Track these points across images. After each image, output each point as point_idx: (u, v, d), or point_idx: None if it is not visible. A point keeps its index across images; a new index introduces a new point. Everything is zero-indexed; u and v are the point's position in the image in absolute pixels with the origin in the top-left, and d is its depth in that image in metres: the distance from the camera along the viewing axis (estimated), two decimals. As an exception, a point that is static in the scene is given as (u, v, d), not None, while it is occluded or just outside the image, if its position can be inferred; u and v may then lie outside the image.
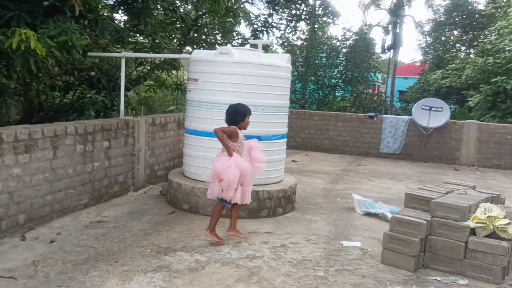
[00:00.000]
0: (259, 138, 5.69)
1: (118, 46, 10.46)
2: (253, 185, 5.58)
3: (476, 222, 4.21)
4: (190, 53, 7.85)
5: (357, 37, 23.96)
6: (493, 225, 4.18)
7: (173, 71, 12.56)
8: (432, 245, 4.30)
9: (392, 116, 11.97)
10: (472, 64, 20.08)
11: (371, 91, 27.35)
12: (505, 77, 17.67)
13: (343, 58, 23.87)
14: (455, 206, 4.27)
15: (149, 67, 12.13)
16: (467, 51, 28.42)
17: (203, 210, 5.65)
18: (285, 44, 21.42)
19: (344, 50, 24.11)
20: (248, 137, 5.48)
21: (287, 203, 5.97)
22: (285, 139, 6.18)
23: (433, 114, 10.86)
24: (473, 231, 4.22)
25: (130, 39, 10.78)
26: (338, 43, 24.27)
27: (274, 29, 16.39)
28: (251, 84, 5.66)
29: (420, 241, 4.25)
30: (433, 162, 11.33)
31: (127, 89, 11.42)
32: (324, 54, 23.75)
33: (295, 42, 22.88)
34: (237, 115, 4.74)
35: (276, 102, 5.90)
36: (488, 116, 18.31)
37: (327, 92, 24.27)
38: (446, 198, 4.51)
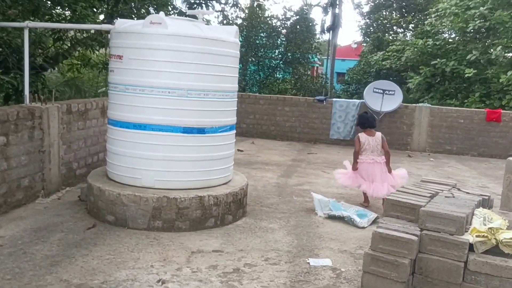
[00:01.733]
0: (203, 130, 4.59)
1: (32, 18, 8.84)
2: (196, 188, 4.57)
3: (476, 236, 3.40)
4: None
5: (297, 17, 23.16)
6: (495, 238, 3.39)
7: (98, 48, 11.02)
8: (423, 266, 3.45)
9: (342, 100, 11.25)
10: (412, 46, 19.98)
11: (309, 72, 26.85)
12: (444, 59, 17.66)
13: (284, 39, 23.05)
14: (450, 217, 3.43)
15: (69, 43, 10.51)
16: (404, 33, 28.61)
17: (133, 222, 4.48)
18: (224, 22, 20.16)
19: (284, 31, 23.27)
20: (187, 130, 4.41)
21: (237, 208, 4.93)
22: (234, 131, 5.11)
23: (386, 98, 10.21)
24: (470, 246, 3.41)
25: (46, 11, 9.19)
26: (278, 23, 23.38)
27: (213, 2, 15.04)
28: (190, 63, 4.52)
29: (410, 262, 3.38)
30: (384, 148, 10.72)
31: (43, 68, 9.79)
32: (264, 34, 22.79)
33: (235, 21, 21.69)
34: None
35: (223, 86, 4.79)
36: (427, 97, 18.31)
37: (268, 73, 23.42)
38: (436, 205, 3.66)
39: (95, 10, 10.83)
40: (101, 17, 11.33)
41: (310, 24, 24.21)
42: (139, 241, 4.20)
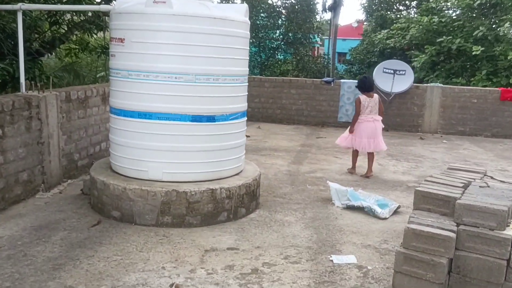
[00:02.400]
0: (213, 118, 4.25)
1: (27, 1, 8.45)
2: (207, 180, 4.27)
3: (520, 231, 3.10)
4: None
5: (298, -4, 22.56)
6: (539, 233, 3.10)
7: (96, 32, 10.61)
8: (460, 265, 3.15)
9: (351, 81, 10.86)
10: (417, 24, 19.46)
11: (311, 53, 26.33)
12: (450, 37, 17.19)
13: (285, 19, 22.50)
14: (490, 210, 3.12)
15: (66, 27, 10.09)
16: (408, 11, 27.99)
17: (140, 218, 4.19)
18: (224, 2, 19.64)
19: (285, 11, 22.71)
20: (196, 118, 4.10)
21: (251, 201, 4.63)
22: (245, 118, 4.77)
23: (396, 78, 9.83)
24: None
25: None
26: (279, 2, 22.81)
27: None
28: (198, 45, 4.16)
29: (448, 261, 3.09)
30: (395, 131, 10.41)
31: (39, 53, 9.40)
32: (264, 14, 22.26)
33: (234, 1, 21.14)
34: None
35: (233, 70, 4.43)
36: (432, 76, 17.89)
37: (269, 54, 22.96)
38: (472, 197, 3.35)
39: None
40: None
41: (311, 3, 23.65)
42: (147, 239, 3.91)
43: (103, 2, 10.20)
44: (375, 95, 6.50)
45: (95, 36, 10.94)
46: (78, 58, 12.00)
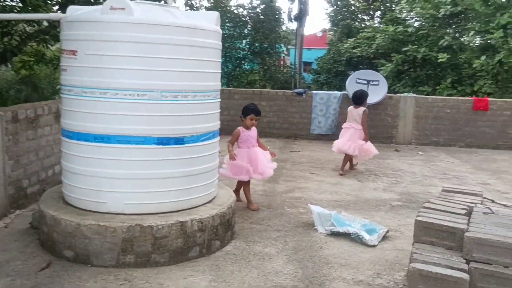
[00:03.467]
0: (182, 140, 3.74)
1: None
2: (175, 211, 3.74)
3: (538, 268, 2.73)
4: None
5: (264, 6, 22.35)
6: (558, 269, 2.73)
7: (53, 43, 9.91)
8: (473, 309, 2.75)
9: (323, 92, 10.52)
10: (382, 33, 19.59)
11: (277, 63, 26.16)
12: (415, 46, 17.33)
13: (251, 29, 22.24)
14: (505, 245, 2.74)
15: (19, 38, 9.35)
16: (372, 21, 28.29)
17: (97, 259, 3.60)
18: (187, 10, 19.14)
19: (250, 21, 22.46)
20: (162, 140, 3.58)
21: (226, 231, 4.11)
22: (218, 138, 4.27)
23: (370, 89, 9.55)
24: (527, 279, 2.73)
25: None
26: (245, 12, 22.54)
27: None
28: (164, 57, 3.65)
29: (460, 307, 2.68)
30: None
31: (-12, 66, 8.63)
32: (230, 24, 21.93)
33: (201, 10, 20.70)
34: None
35: (204, 85, 3.94)
36: (398, 85, 17.97)
37: (236, 64, 22.61)
38: (479, 228, 2.97)
39: (48, 0, 9.66)
40: (55, 8, 10.20)
41: (277, 13, 23.50)
42: (106, 284, 3.33)
43: (59, 11, 9.51)
44: (361, 108, 7.21)
45: (51, 47, 10.22)
46: (33, 71, 11.19)
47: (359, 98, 7.27)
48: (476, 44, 16.77)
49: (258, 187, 6.15)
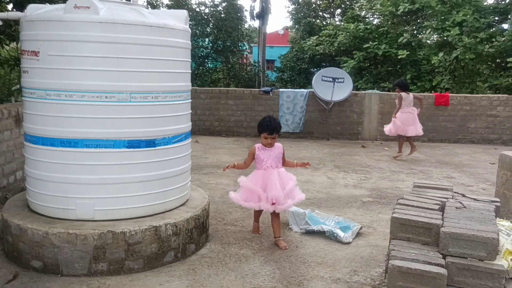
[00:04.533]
0: (153, 142, 3.63)
1: None
2: (148, 216, 3.64)
3: (511, 260, 2.81)
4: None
5: (226, 3, 22.26)
6: (530, 260, 2.82)
7: (8, 43, 9.46)
8: (451, 303, 2.80)
9: (290, 90, 10.55)
10: (344, 31, 19.92)
11: (240, 61, 26.16)
12: (376, 43, 17.70)
13: (213, 27, 22.11)
14: (480, 239, 2.79)
15: (-29, 37, 8.87)
16: (333, 18, 28.71)
17: (67, 268, 3.44)
18: (149, 8, 18.81)
19: (212, 19, 22.34)
20: (132, 143, 3.48)
21: (200, 234, 4.04)
22: (190, 140, 4.18)
23: (336, 86, 9.66)
24: (501, 271, 2.81)
25: None
26: (207, 10, 22.37)
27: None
28: (132, 57, 3.53)
29: (439, 302, 2.71)
30: (335, 139, 10.26)
31: None
32: (193, 22, 21.70)
33: (160, 8, 20.39)
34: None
35: (175, 85, 3.84)
36: (361, 81, 18.33)
37: (199, 63, 22.42)
38: (454, 223, 3.02)
39: (1, -1, 9.22)
40: (9, 7, 9.75)
41: (239, 11, 23.45)
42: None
43: (14, 10, 9.08)
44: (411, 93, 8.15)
45: (7, 47, 9.76)
46: (-12, 71, 10.65)
47: (406, 85, 8.29)
48: (433, 41, 17.31)
49: (229, 187, 6.09)
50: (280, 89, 10.80)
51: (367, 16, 21.97)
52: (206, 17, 22.31)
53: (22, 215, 3.69)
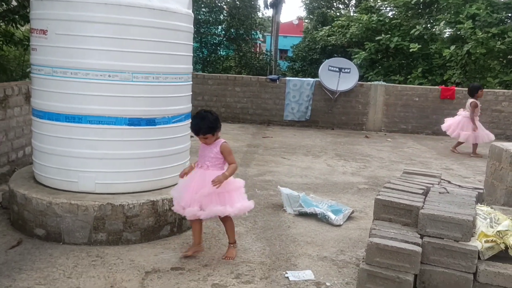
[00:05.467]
0: (153, 121, 3.81)
1: None
2: (146, 191, 3.83)
3: (485, 242, 2.94)
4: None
5: (240, -10, 22.30)
6: (503, 243, 2.95)
7: (22, 23, 9.70)
8: (425, 280, 2.95)
9: (296, 79, 10.66)
10: (357, 22, 19.84)
11: (253, 50, 26.20)
12: (388, 35, 17.63)
13: (226, 14, 22.17)
14: (455, 220, 2.93)
15: (-14, 18, 9.12)
16: (347, 9, 28.55)
17: (69, 236, 3.66)
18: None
19: (226, 7, 22.39)
20: (133, 121, 3.66)
21: (196, 211, 4.21)
22: (189, 120, 4.35)
23: (342, 76, 9.74)
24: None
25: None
26: (221, -3, 22.44)
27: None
28: (135, 39, 3.68)
29: (414, 277, 2.86)
30: (340, 129, 10.37)
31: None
32: (206, 9, 21.79)
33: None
34: None
35: (175, 67, 4.00)
36: (371, 73, 18.29)
37: (211, 50, 22.52)
38: (434, 205, 3.16)
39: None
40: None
41: (253, -1, 23.48)
42: (78, 261, 3.40)
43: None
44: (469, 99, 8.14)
45: (22, 28, 10.00)
46: (2, 51, 10.91)
47: (469, 90, 8.29)
48: (446, 35, 17.21)
49: (230, 170, 6.26)
50: (287, 78, 10.92)
51: (381, 7, 21.84)
52: (220, 4, 22.37)
53: (27, 186, 3.91)
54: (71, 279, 3.14)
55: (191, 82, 4.34)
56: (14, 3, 9.18)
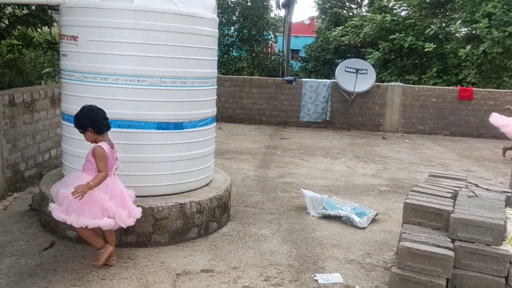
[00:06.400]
0: (181, 125, 3.86)
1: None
2: (174, 194, 3.89)
3: (517, 246, 2.94)
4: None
5: (252, -8, 22.34)
6: (535, 247, 2.95)
7: (41, 27, 9.84)
8: (457, 284, 2.95)
9: (313, 80, 10.67)
10: (370, 22, 19.76)
11: (265, 50, 26.22)
12: (402, 35, 17.53)
13: (239, 15, 22.23)
14: (486, 224, 2.94)
15: (7, 21, 9.28)
16: (360, 9, 28.42)
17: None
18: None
19: (238, 7, 22.45)
20: (162, 125, 3.71)
21: (222, 213, 4.27)
22: (214, 124, 4.40)
23: (359, 77, 9.73)
24: (507, 257, 2.95)
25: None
26: (233, -2, 22.51)
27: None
28: (163, 44, 3.74)
29: (446, 282, 2.88)
30: (357, 130, 10.36)
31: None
32: (219, 10, 21.85)
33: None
34: None
35: (202, 72, 4.05)
36: (385, 73, 18.21)
37: (224, 51, 22.60)
38: (464, 210, 3.16)
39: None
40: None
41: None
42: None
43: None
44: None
45: (40, 30, 10.16)
46: (21, 55, 11.08)
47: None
48: (461, 34, 17.06)
49: (250, 172, 6.31)
50: (303, 79, 10.93)
51: (394, 7, 21.73)
52: (232, 5, 22.45)
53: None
54: (105, 280, 3.20)
55: (216, 86, 4.38)
56: (33, 6, 9.32)
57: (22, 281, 3.14)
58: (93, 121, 3.28)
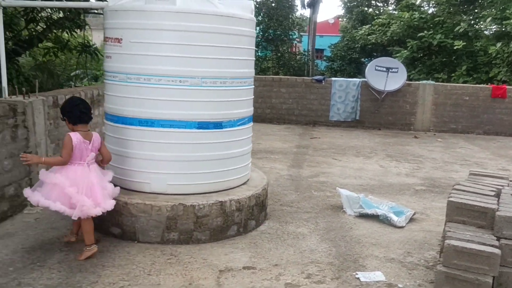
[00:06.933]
0: (220, 124, 3.93)
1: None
2: (214, 192, 3.97)
3: None
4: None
5: (277, -8, 22.36)
6: None
7: (76, 30, 10.10)
8: (503, 282, 2.93)
9: (342, 79, 10.62)
10: (398, 20, 19.51)
11: (290, 50, 26.20)
12: (431, 32, 17.25)
13: (264, 16, 22.29)
14: (534, 223, 2.90)
15: (44, 25, 9.55)
16: (386, 7, 28.10)
17: (143, 235, 3.83)
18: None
19: (264, 8, 22.51)
20: (202, 125, 3.79)
21: (260, 212, 4.32)
22: (251, 123, 4.45)
23: (390, 76, 9.65)
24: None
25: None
26: (258, -2, 22.57)
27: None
28: (204, 45, 3.81)
29: (492, 280, 2.86)
30: (387, 129, 10.27)
31: (15, 53, 8.86)
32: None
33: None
34: None
35: (241, 72, 4.11)
36: (414, 72, 17.95)
37: (250, 52, 22.64)
38: (510, 208, 3.13)
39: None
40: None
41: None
42: (154, 259, 3.56)
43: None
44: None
45: (74, 34, 10.41)
46: (57, 58, 11.39)
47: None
48: (491, 32, 16.70)
49: (283, 172, 6.35)
50: (333, 78, 10.90)
51: (422, 5, 21.41)
52: (257, 6, 22.51)
53: (102, 187, 4.10)
54: (151, 276, 3.29)
55: (253, 86, 4.44)
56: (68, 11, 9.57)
57: (73, 275, 3.26)
58: (68, 112, 3.53)
